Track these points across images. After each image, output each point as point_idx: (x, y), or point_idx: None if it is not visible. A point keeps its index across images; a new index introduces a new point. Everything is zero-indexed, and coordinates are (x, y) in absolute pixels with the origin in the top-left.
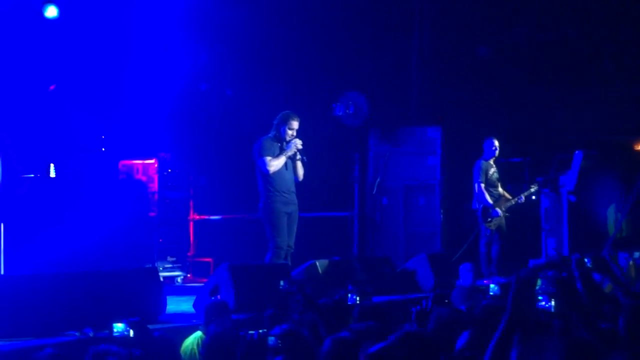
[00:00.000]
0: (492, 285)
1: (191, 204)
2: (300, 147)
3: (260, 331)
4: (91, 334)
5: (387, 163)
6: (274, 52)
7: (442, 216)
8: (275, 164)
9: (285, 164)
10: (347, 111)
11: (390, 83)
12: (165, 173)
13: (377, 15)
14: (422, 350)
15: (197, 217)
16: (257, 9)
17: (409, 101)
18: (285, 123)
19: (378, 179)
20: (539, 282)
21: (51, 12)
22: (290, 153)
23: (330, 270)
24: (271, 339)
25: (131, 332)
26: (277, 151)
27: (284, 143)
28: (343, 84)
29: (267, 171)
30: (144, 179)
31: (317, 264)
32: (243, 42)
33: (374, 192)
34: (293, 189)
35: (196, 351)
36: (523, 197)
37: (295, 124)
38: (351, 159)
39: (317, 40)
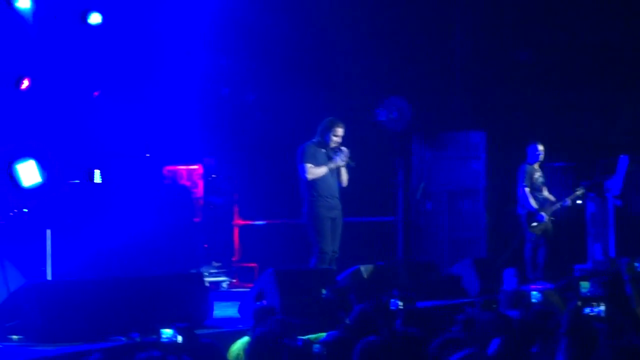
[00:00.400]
0: (534, 293)
1: (235, 209)
2: (347, 159)
3: (305, 338)
4: (138, 339)
5: (431, 168)
6: (318, 58)
7: (486, 221)
8: (315, 172)
9: (330, 173)
10: (390, 116)
11: (433, 88)
12: (209, 178)
13: (419, 20)
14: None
15: (242, 222)
16: (301, 16)
17: (452, 106)
18: (330, 130)
19: (422, 184)
20: (587, 285)
21: (95, 18)
22: (336, 165)
23: (375, 276)
24: (316, 347)
25: (179, 338)
26: (321, 157)
27: (329, 149)
28: (386, 89)
29: (306, 178)
30: (188, 184)
31: (362, 269)
32: (287, 48)
33: (417, 197)
34: (337, 194)
35: (243, 356)
36: (569, 201)
37: (340, 131)
38: (395, 164)
39: (360, 45)
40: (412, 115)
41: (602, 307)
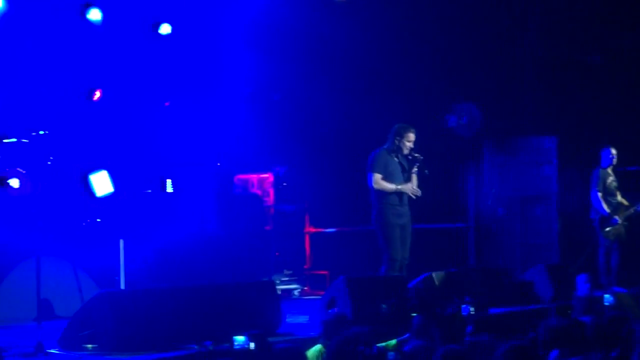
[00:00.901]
0: (606, 296)
1: (306, 217)
2: (416, 190)
3: (380, 345)
4: (210, 348)
5: (502, 173)
6: (388, 64)
7: (558, 226)
8: (382, 185)
9: (402, 180)
10: (461, 122)
11: (503, 92)
12: (280, 186)
13: (490, 24)
14: None
15: (313, 229)
16: (371, 22)
17: (523, 111)
18: (401, 135)
19: (493, 190)
20: None
21: (165, 29)
22: (405, 190)
23: (447, 282)
24: (391, 354)
25: (252, 345)
26: (393, 165)
27: (401, 156)
28: (456, 95)
29: (372, 186)
30: (259, 192)
31: (434, 275)
32: (357, 55)
33: (489, 203)
34: (406, 201)
35: None
36: None
37: (412, 136)
38: (466, 170)
39: (429, 51)
40: (482, 121)
41: None
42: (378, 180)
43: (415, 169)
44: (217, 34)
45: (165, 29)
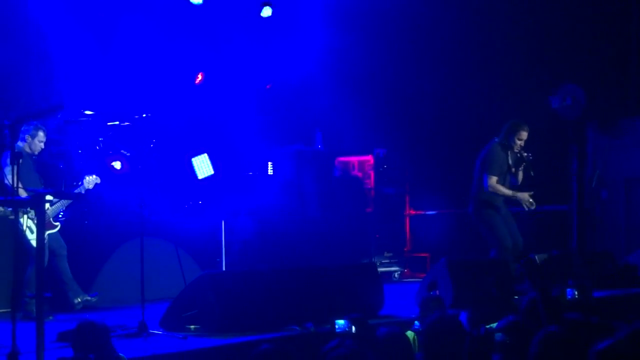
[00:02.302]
0: None
1: (407, 199)
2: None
3: (487, 326)
4: (312, 329)
5: (606, 156)
6: (490, 45)
7: None
8: (497, 189)
9: (505, 176)
10: (564, 103)
11: (607, 73)
12: (380, 169)
13: (593, 4)
14: None
15: (413, 212)
16: (476, 2)
17: (628, 91)
18: (514, 132)
19: (597, 172)
20: None
21: (266, 12)
22: (517, 198)
23: (550, 265)
24: (498, 335)
25: (353, 328)
26: (504, 163)
27: (512, 152)
28: (560, 76)
29: (487, 189)
30: (360, 175)
31: (537, 258)
32: (459, 37)
33: (592, 186)
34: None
35: (414, 345)
36: None
37: (524, 135)
38: (569, 152)
39: (533, 32)
40: (586, 102)
41: None
42: (494, 185)
43: (522, 167)
44: (317, 15)
45: (266, 11)
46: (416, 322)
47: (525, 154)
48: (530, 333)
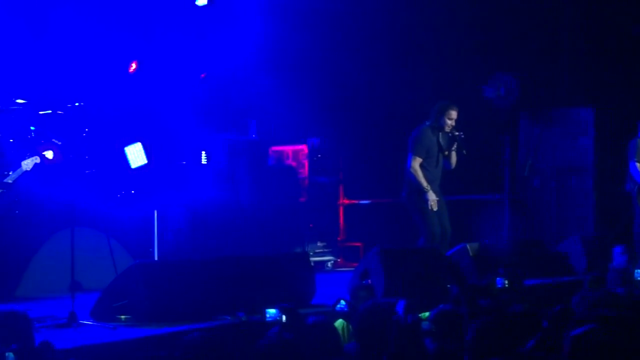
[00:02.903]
0: (637, 270)
1: (341, 188)
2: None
3: (415, 315)
4: (243, 318)
5: (539, 145)
6: (424, 34)
7: (594, 198)
8: (416, 173)
9: (437, 159)
10: (498, 93)
11: (541, 64)
12: (315, 158)
13: None
14: (618, 334)
15: (347, 201)
16: None
17: (560, 82)
18: (443, 113)
19: (529, 161)
20: None
21: (201, 0)
22: (431, 199)
23: (481, 254)
24: (425, 323)
25: (283, 318)
26: (433, 145)
27: (442, 133)
28: (493, 66)
29: (409, 168)
30: (294, 164)
31: (468, 247)
32: (394, 25)
33: (525, 175)
34: (438, 181)
35: (344, 334)
36: None
37: (454, 114)
38: (501, 142)
39: (467, 21)
40: (519, 92)
41: None
42: (415, 167)
43: (454, 147)
44: (252, 4)
45: (201, 0)
46: (342, 302)
47: (457, 133)
48: (461, 321)
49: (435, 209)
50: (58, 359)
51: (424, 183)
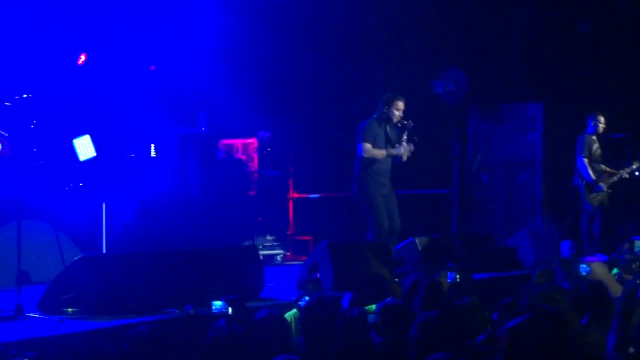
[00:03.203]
0: (583, 265)
1: (290, 182)
2: (409, 152)
3: (361, 308)
4: (191, 312)
5: (487, 140)
6: (374, 30)
7: (543, 193)
8: (373, 153)
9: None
10: (447, 88)
11: (490, 59)
12: (264, 152)
13: None
14: (556, 328)
15: (297, 195)
16: None
17: (510, 77)
18: (390, 104)
19: (478, 156)
20: None
21: None
22: (397, 154)
23: (430, 248)
24: (371, 316)
25: (229, 310)
26: (381, 135)
27: (390, 125)
28: (443, 61)
29: (362, 156)
30: (243, 158)
31: (417, 241)
32: (344, 21)
33: (474, 170)
34: (389, 173)
35: (292, 327)
36: (626, 173)
37: (401, 105)
38: (451, 137)
39: (416, 17)
40: (468, 87)
41: None
42: (369, 149)
43: (405, 137)
44: None
45: None
46: (306, 297)
47: (406, 122)
48: (409, 316)
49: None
50: (3, 352)
51: (383, 152)
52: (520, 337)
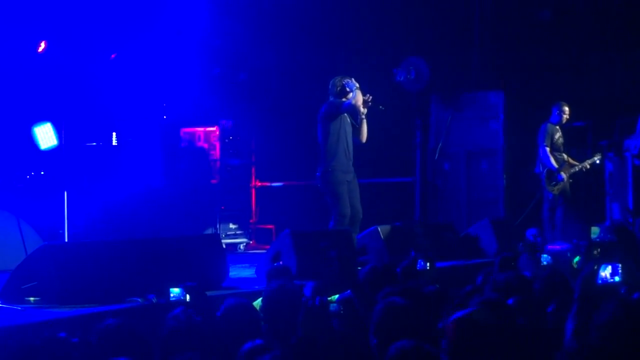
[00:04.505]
0: (544, 255)
1: (253, 170)
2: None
3: (323, 298)
4: (154, 301)
5: (449, 128)
6: (335, 18)
7: (504, 181)
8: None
9: (346, 135)
10: (409, 76)
11: (451, 48)
12: (226, 140)
13: None
14: (503, 317)
15: (259, 184)
16: None
17: (471, 66)
18: (339, 85)
19: (440, 145)
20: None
21: None
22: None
23: (393, 236)
24: (333, 305)
25: (187, 297)
26: (339, 121)
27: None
28: (404, 49)
29: (326, 139)
30: (205, 146)
31: (380, 229)
32: (305, 7)
33: (435, 158)
34: (351, 156)
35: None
36: (587, 165)
37: (352, 80)
38: (413, 125)
39: (378, 5)
40: (430, 76)
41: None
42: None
43: (363, 115)
44: None
45: None
46: None
47: (364, 97)
48: (367, 303)
49: (368, 99)
50: None
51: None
52: (466, 327)
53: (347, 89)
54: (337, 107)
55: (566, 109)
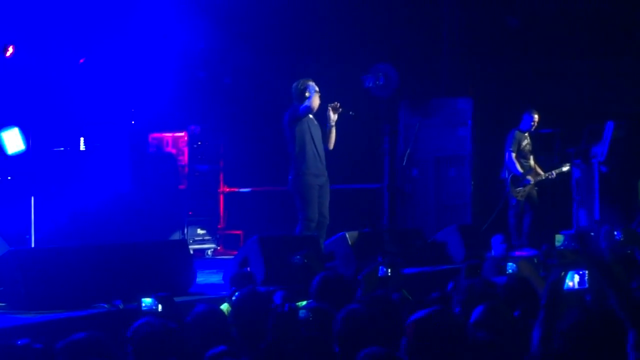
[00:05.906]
0: (509, 264)
1: (221, 176)
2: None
3: (292, 304)
4: (121, 306)
5: (417, 135)
6: (304, 24)
7: (472, 188)
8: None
9: (313, 138)
10: (377, 83)
11: (420, 54)
12: (195, 146)
13: None
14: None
15: (227, 189)
16: None
17: (440, 72)
18: (302, 88)
19: (408, 151)
20: (561, 238)
21: None
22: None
23: (361, 242)
24: (302, 312)
25: (159, 307)
26: (305, 121)
27: (312, 116)
28: (373, 56)
29: (294, 145)
30: (173, 151)
31: (347, 235)
32: (274, 14)
33: (404, 164)
34: (324, 160)
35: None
36: (554, 174)
37: (312, 83)
38: (381, 131)
39: (347, 11)
40: (399, 82)
41: (585, 277)
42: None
43: (333, 123)
44: None
45: None
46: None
47: (332, 105)
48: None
49: (336, 106)
50: None
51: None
52: (424, 329)
53: (307, 93)
54: (295, 111)
55: (536, 116)
